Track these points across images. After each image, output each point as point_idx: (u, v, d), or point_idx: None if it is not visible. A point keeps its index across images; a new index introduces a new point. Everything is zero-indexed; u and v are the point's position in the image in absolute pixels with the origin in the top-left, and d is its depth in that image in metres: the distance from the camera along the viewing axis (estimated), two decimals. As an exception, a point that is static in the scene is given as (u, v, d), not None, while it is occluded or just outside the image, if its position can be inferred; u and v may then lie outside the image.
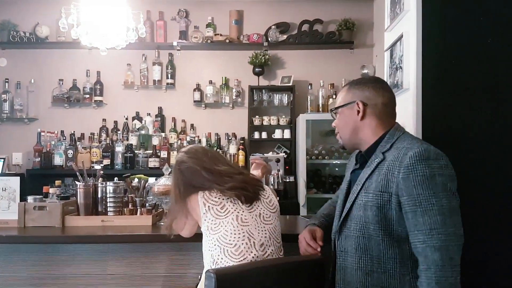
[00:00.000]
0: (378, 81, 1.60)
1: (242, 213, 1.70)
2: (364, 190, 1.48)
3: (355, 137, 1.58)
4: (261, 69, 4.31)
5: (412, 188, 1.35)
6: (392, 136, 1.51)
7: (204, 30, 4.41)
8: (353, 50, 4.45)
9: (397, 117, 2.09)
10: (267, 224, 1.72)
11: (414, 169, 1.35)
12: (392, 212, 1.40)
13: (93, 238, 2.11)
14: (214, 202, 1.71)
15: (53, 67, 4.43)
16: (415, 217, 1.34)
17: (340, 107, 1.60)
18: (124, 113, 4.38)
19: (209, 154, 1.86)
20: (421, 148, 1.38)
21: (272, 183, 3.98)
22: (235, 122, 4.39)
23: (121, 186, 2.39)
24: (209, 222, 1.69)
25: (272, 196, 1.83)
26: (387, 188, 1.41)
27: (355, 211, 1.50)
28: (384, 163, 1.45)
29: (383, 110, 1.54)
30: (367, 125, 1.54)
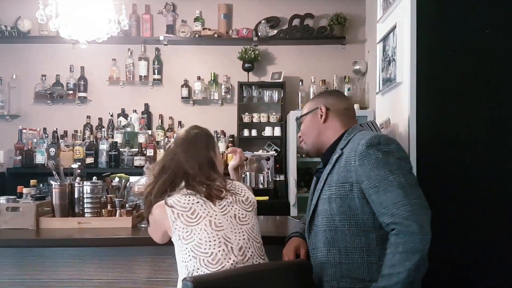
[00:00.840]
0: (340, 92, 1.88)
1: (215, 216, 1.58)
2: (327, 185, 1.52)
3: (318, 141, 1.65)
4: (250, 64, 4.19)
5: (369, 172, 1.40)
6: (349, 134, 1.57)
7: (192, 24, 4.28)
8: (345, 46, 4.35)
9: (389, 113, 1.99)
10: (244, 224, 1.61)
11: (367, 155, 1.41)
12: (356, 201, 1.44)
13: (67, 241, 1.99)
14: (183, 208, 1.59)
15: (36, 62, 4.28)
16: (379, 197, 1.37)
17: (305, 114, 1.69)
18: (109, 110, 4.24)
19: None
20: (372, 135, 1.46)
21: (262, 182, 3.88)
22: (225, 119, 4.27)
23: (99, 186, 2.26)
24: (180, 231, 1.57)
25: (248, 193, 1.70)
26: (347, 178, 1.46)
27: (321, 206, 1.53)
28: (342, 157, 1.51)
29: (344, 113, 1.63)
30: (329, 127, 1.62)
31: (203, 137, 1.73)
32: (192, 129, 1.78)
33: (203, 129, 1.79)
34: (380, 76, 2.09)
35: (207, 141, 1.73)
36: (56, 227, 2.16)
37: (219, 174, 1.69)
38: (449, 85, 1.68)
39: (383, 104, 2.09)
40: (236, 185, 1.71)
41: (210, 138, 1.76)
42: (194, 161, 1.65)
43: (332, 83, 4.27)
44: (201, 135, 1.73)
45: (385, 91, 2.03)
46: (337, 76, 4.27)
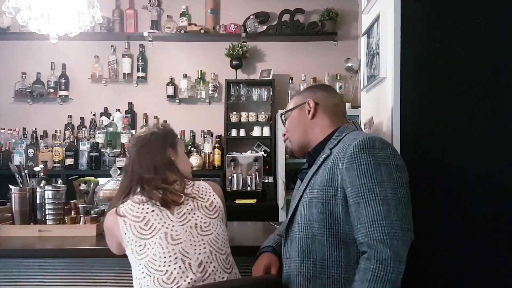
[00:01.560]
0: (329, 86, 1.61)
1: (172, 227, 1.41)
2: (310, 187, 1.36)
3: (304, 138, 1.49)
4: (238, 62, 4.02)
5: (355, 178, 1.24)
6: (341, 133, 1.43)
7: (178, 20, 4.12)
8: (337, 42, 4.18)
9: (373, 110, 1.82)
10: (206, 235, 1.43)
11: (358, 158, 1.25)
12: (338, 208, 1.28)
13: (20, 251, 1.82)
14: (135, 218, 1.42)
15: (16, 59, 4.12)
16: (358, 209, 1.22)
17: (291, 109, 1.53)
18: (92, 108, 4.08)
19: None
20: (366, 137, 1.28)
21: (250, 184, 3.71)
22: (212, 119, 4.10)
23: (61, 191, 2.09)
24: (133, 244, 1.40)
25: (213, 196, 1.52)
26: (332, 182, 1.30)
27: (300, 210, 1.37)
28: (330, 158, 1.35)
29: (334, 110, 1.48)
30: (317, 124, 1.47)
31: (159, 137, 1.56)
32: (150, 129, 1.61)
33: (163, 128, 1.63)
34: (365, 71, 1.92)
35: (164, 141, 1.55)
36: (14, 235, 2.00)
37: (179, 175, 1.52)
38: (436, 80, 1.50)
39: (368, 101, 1.92)
40: (200, 187, 1.53)
41: (169, 137, 1.58)
42: (149, 164, 1.49)
43: (324, 81, 4.10)
44: (157, 135, 1.56)
45: (370, 88, 1.86)
46: (328, 74, 4.11)
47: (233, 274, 1.45)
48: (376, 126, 1.74)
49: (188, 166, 1.65)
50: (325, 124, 1.46)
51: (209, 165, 3.84)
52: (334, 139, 1.41)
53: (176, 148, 1.58)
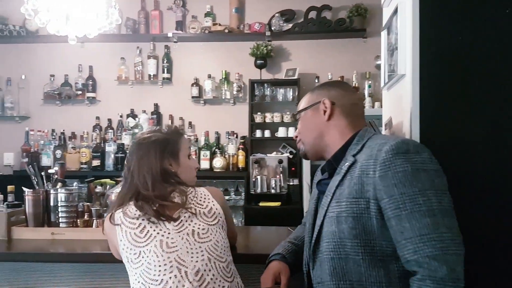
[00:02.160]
0: (345, 83, 1.56)
1: (168, 235, 1.35)
2: (335, 200, 1.22)
3: (319, 142, 1.37)
4: (263, 61, 3.93)
5: (393, 187, 1.11)
6: (361, 138, 1.29)
7: (202, 20, 4.08)
8: (366, 39, 4.01)
9: (393, 110, 1.69)
10: (204, 242, 1.36)
11: (393, 165, 1.12)
12: (372, 222, 1.15)
13: (31, 255, 1.80)
14: (131, 224, 1.36)
15: (45, 62, 4.20)
16: (400, 222, 1.09)
17: (303, 110, 1.41)
18: (118, 110, 4.10)
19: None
20: (398, 140, 1.16)
21: (274, 187, 3.62)
22: (237, 120, 4.03)
23: (74, 194, 2.08)
24: (128, 252, 1.35)
25: (212, 202, 1.46)
26: (363, 193, 1.16)
27: (327, 227, 1.22)
28: (356, 165, 1.21)
29: (352, 110, 1.36)
30: (334, 126, 1.35)
31: (159, 145, 1.49)
32: (153, 133, 1.55)
33: (166, 132, 1.56)
34: (385, 68, 1.79)
35: (163, 150, 1.48)
36: (28, 238, 2.00)
37: (177, 184, 1.46)
38: (459, 77, 1.36)
39: (388, 100, 1.79)
40: (199, 194, 1.47)
41: (170, 145, 1.51)
42: (147, 177, 1.43)
43: (352, 80, 3.95)
44: (158, 142, 1.49)
45: (390, 86, 1.73)
46: (357, 72, 3.95)
47: (235, 283, 1.38)
48: (395, 127, 1.61)
49: (191, 173, 1.59)
50: (343, 126, 1.34)
51: (233, 166, 3.77)
52: (356, 145, 1.28)
53: (177, 157, 1.52)
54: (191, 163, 1.61)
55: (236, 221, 3.75)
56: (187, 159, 1.58)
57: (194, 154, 3.78)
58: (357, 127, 1.34)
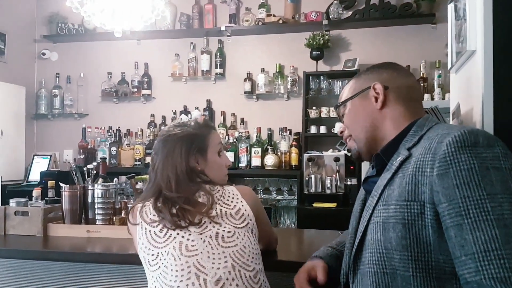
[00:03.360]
0: (397, 64, 1.20)
1: (189, 236, 1.20)
2: (383, 202, 1.00)
3: (374, 135, 1.14)
4: (319, 52, 3.67)
5: (454, 189, 0.88)
6: (420, 128, 1.07)
7: (256, 12, 3.91)
8: (435, 25, 3.63)
9: (462, 95, 1.40)
10: (229, 247, 1.20)
11: (456, 161, 0.89)
12: (427, 231, 0.92)
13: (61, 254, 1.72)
14: (152, 220, 1.23)
15: (102, 59, 4.25)
16: (461, 233, 0.86)
17: (349, 99, 1.18)
18: (172, 107, 4.04)
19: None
20: (464, 130, 0.91)
21: (329, 186, 3.36)
22: (290, 115, 3.81)
23: (111, 190, 1.99)
24: (146, 252, 1.22)
25: (240, 203, 1.29)
26: (417, 195, 0.94)
27: (371, 234, 1.01)
28: (410, 161, 0.99)
29: (409, 94, 1.13)
30: (389, 115, 1.12)
31: (186, 141, 1.35)
32: (181, 126, 1.40)
33: (195, 126, 1.42)
34: (453, 47, 1.50)
35: (190, 147, 1.35)
36: (63, 235, 1.94)
37: (203, 183, 1.31)
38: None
39: (457, 85, 1.50)
40: (227, 193, 1.31)
41: (197, 140, 1.37)
42: (171, 177, 1.30)
43: (419, 69, 3.58)
44: (186, 137, 1.36)
45: (458, 67, 1.44)
46: (425, 61, 3.58)
47: None
48: (464, 115, 1.33)
49: (221, 171, 1.44)
50: (399, 114, 1.11)
51: (285, 164, 3.56)
52: (412, 136, 1.06)
53: (205, 153, 1.38)
54: (222, 160, 1.45)
55: (288, 222, 3.54)
56: (217, 156, 1.42)
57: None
58: (416, 115, 1.11)
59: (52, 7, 4.18)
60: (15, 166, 3.98)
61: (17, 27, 4.07)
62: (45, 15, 4.27)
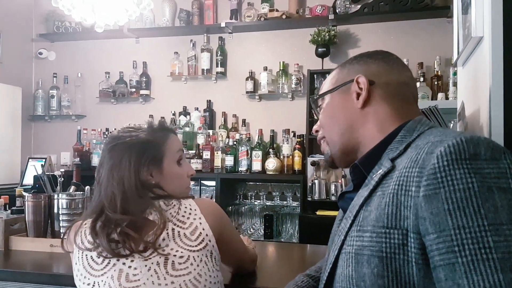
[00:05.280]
0: (391, 54, 0.97)
1: (131, 263, 1.01)
2: (357, 226, 0.80)
3: (352, 139, 0.93)
4: (325, 49, 3.43)
5: (445, 216, 0.66)
6: (409, 132, 0.85)
7: (259, 6, 3.68)
8: (450, 19, 3.33)
9: (467, 92, 1.16)
10: (180, 275, 1.00)
11: (449, 178, 0.67)
12: (411, 270, 0.71)
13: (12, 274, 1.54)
14: (86, 248, 1.04)
15: (100, 59, 4.10)
16: (453, 276, 0.64)
17: (327, 92, 0.98)
18: (172, 107, 3.85)
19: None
20: (461, 139, 0.69)
21: (334, 193, 3.11)
22: (294, 116, 3.58)
23: (77, 200, 1.80)
24: (81, 281, 1.04)
25: (199, 220, 1.08)
26: (398, 220, 0.73)
27: (342, 267, 0.80)
28: (393, 176, 0.78)
29: (399, 92, 0.92)
30: (371, 116, 0.91)
31: (133, 150, 1.14)
32: (131, 131, 1.19)
33: (149, 129, 1.21)
34: (459, 35, 1.25)
35: (139, 154, 1.14)
36: (26, 249, 1.76)
37: (156, 199, 1.11)
38: None
39: (464, 80, 1.25)
40: (183, 208, 1.10)
41: (150, 149, 1.16)
42: (116, 195, 1.08)
43: (433, 66, 3.31)
44: (131, 147, 1.14)
45: (466, 58, 1.19)
46: (440, 58, 3.29)
47: None
48: (469, 117, 1.08)
49: (181, 182, 1.23)
50: (384, 116, 0.90)
51: (287, 168, 3.33)
52: (398, 143, 0.85)
53: (160, 163, 1.17)
54: (182, 170, 1.23)
55: (292, 231, 3.30)
56: (176, 166, 1.21)
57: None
58: (406, 116, 0.90)
59: (49, 5, 4.01)
60: (10, 169, 3.86)
61: (13, 25, 3.95)
62: (42, 13, 4.14)
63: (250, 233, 3.37)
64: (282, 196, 3.45)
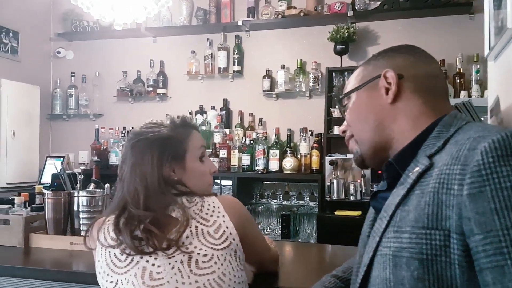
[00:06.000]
0: (415, 47, 0.95)
1: (155, 261, 0.99)
2: (394, 227, 0.76)
3: (383, 137, 0.89)
4: (344, 46, 3.38)
5: (492, 216, 0.63)
6: (446, 128, 0.81)
7: (276, 4, 3.65)
8: (473, 16, 3.27)
9: (500, 88, 1.11)
10: (204, 274, 0.97)
11: (495, 175, 0.64)
12: (454, 272, 0.67)
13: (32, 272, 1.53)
14: (109, 245, 1.02)
15: (118, 58, 4.11)
16: (502, 279, 0.61)
17: (353, 90, 0.95)
18: (189, 106, 3.84)
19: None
20: (506, 134, 0.66)
21: (353, 193, 3.06)
22: (313, 115, 3.54)
23: (98, 197, 1.79)
24: (104, 279, 1.02)
25: (222, 217, 1.06)
26: (439, 220, 0.69)
27: (378, 270, 0.77)
28: (432, 173, 0.74)
29: (430, 85, 0.88)
30: (403, 111, 0.87)
31: (155, 146, 1.12)
32: (154, 127, 1.17)
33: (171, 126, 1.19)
34: (490, 27, 1.21)
35: (161, 150, 1.12)
36: (46, 247, 1.76)
37: (179, 196, 1.09)
38: None
39: (497, 74, 1.20)
40: (206, 205, 1.07)
41: (172, 145, 1.14)
42: (139, 191, 1.07)
43: (455, 64, 3.23)
44: (154, 143, 1.13)
45: (498, 52, 1.14)
46: (462, 55, 3.22)
47: None
48: (505, 112, 1.03)
49: (203, 179, 1.20)
50: (417, 111, 0.86)
51: (305, 168, 3.29)
52: (435, 139, 0.81)
53: (183, 160, 1.15)
54: (204, 167, 1.21)
55: (309, 231, 3.26)
56: (198, 162, 1.19)
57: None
58: (439, 111, 0.86)
59: (66, 4, 4.04)
60: (29, 168, 3.89)
61: (31, 25, 3.98)
62: (60, 13, 4.17)
63: (267, 233, 3.35)
64: (299, 196, 3.41)
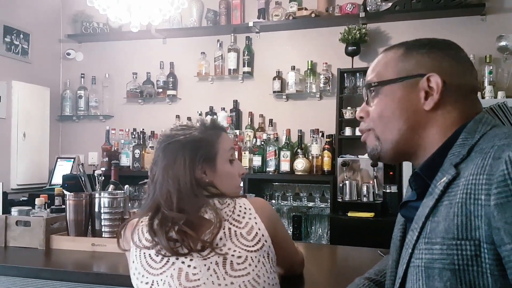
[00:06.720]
0: (461, 49, 0.88)
1: (190, 262, 1.00)
2: (425, 238, 0.76)
3: (410, 141, 0.86)
4: (355, 47, 3.38)
5: None
6: (470, 135, 0.79)
7: (287, 5, 3.65)
8: (485, 17, 3.27)
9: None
10: (239, 276, 0.98)
11: None
12: (486, 281, 0.68)
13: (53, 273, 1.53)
14: (144, 246, 1.02)
15: (128, 59, 4.11)
16: None
17: (390, 81, 0.87)
18: (198, 108, 3.84)
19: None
20: None
21: (366, 194, 3.06)
22: (324, 116, 3.53)
23: (119, 198, 1.79)
24: (139, 280, 1.03)
25: (254, 219, 1.06)
26: (469, 231, 0.70)
27: (411, 282, 0.76)
28: (459, 183, 0.73)
29: (470, 98, 0.85)
30: (438, 120, 0.84)
31: (187, 148, 1.13)
32: (184, 129, 1.18)
33: (201, 128, 1.20)
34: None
35: (193, 153, 1.13)
36: (67, 248, 1.76)
37: (211, 197, 1.09)
38: None
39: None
40: (238, 207, 1.08)
41: (202, 147, 1.15)
42: (172, 193, 1.08)
43: (467, 66, 3.22)
44: (185, 145, 1.13)
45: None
46: (474, 56, 3.20)
47: None
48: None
49: (233, 181, 1.21)
50: (450, 122, 0.83)
51: (317, 169, 3.29)
52: (460, 147, 0.79)
53: (214, 162, 1.16)
54: (234, 169, 1.22)
55: (320, 232, 3.26)
56: (228, 164, 1.20)
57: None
58: (467, 116, 0.83)
59: (77, 5, 4.07)
60: (39, 169, 3.89)
61: (41, 26, 3.98)
62: (70, 14, 4.17)
63: (278, 234, 3.34)
64: (310, 197, 3.41)
